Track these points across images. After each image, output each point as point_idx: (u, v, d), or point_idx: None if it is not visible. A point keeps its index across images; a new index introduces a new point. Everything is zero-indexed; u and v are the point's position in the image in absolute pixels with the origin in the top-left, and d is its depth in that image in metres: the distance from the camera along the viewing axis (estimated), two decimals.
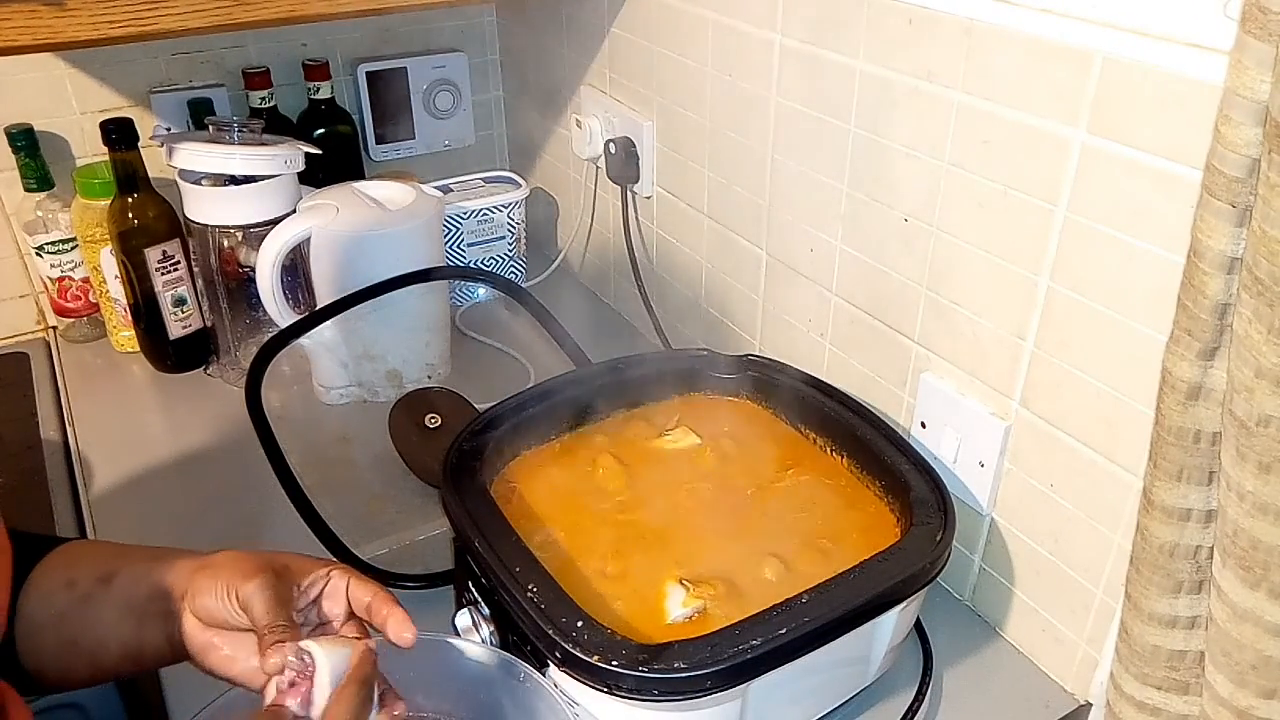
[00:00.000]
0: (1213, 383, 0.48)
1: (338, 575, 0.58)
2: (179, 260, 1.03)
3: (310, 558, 0.59)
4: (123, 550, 0.60)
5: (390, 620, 0.56)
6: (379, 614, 0.56)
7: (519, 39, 1.29)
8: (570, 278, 1.31)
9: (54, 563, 0.58)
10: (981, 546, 0.76)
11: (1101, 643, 0.67)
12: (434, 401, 0.93)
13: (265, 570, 0.54)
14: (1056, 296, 0.63)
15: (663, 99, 1.00)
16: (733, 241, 0.96)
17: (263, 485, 0.80)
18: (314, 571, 0.57)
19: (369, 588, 0.57)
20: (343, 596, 0.58)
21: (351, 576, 0.58)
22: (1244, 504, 0.46)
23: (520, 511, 0.69)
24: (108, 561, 0.58)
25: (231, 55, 1.17)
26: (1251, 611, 0.48)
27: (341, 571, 0.58)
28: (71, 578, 0.57)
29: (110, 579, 0.57)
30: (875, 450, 0.72)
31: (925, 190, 0.71)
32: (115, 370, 1.11)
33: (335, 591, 0.58)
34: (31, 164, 1.05)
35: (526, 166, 1.37)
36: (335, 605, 0.58)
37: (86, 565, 0.58)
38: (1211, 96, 0.47)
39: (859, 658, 0.65)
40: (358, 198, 1.00)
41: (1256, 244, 0.42)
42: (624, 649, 0.54)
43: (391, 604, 0.56)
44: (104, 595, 0.56)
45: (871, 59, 0.72)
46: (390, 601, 0.57)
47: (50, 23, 0.71)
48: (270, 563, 0.55)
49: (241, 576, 0.54)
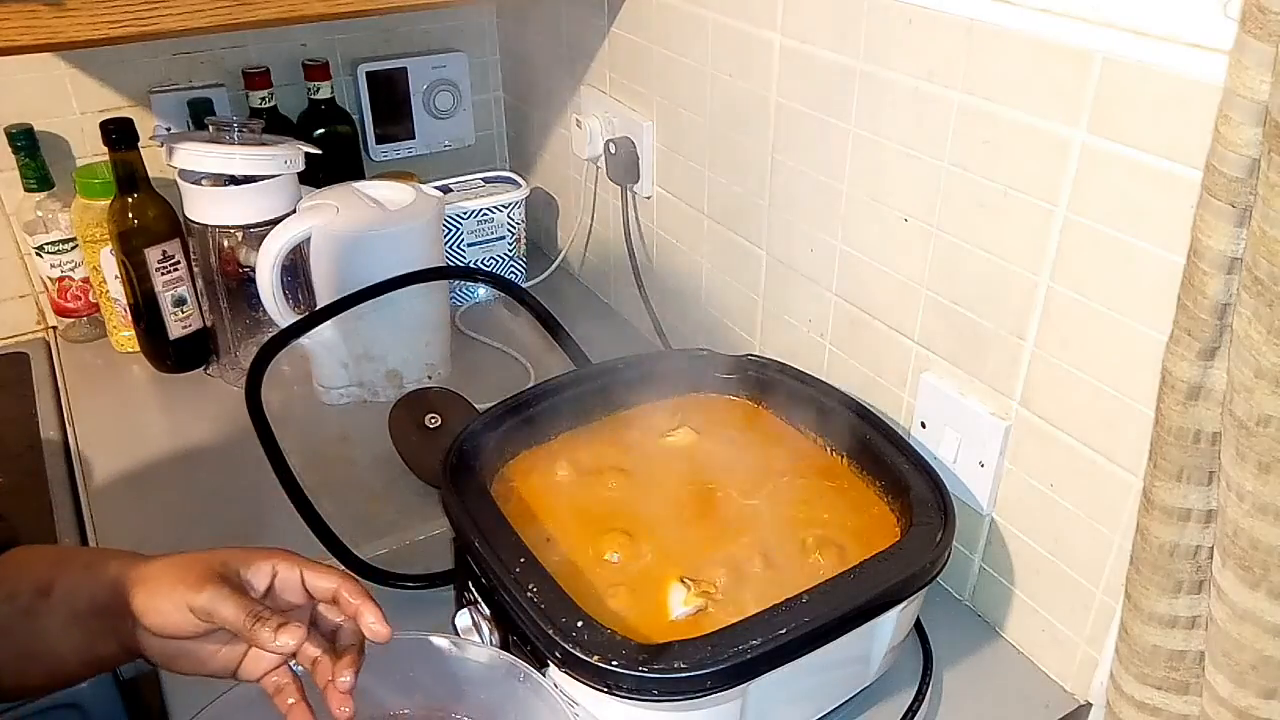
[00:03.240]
0: (1213, 383, 0.48)
1: (285, 567, 0.56)
2: (179, 260, 1.03)
3: (245, 549, 0.57)
4: (59, 558, 0.58)
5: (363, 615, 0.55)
6: (349, 606, 0.56)
7: (519, 39, 1.29)
8: (570, 278, 1.31)
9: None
10: (981, 546, 0.76)
11: (1101, 643, 0.67)
12: (434, 401, 0.93)
13: (211, 578, 0.53)
14: (1056, 296, 0.63)
15: (663, 99, 1.00)
16: (733, 241, 0.96)
17: (263, 485, 0.80)
18: (254, 563, 0.56)
19: (330, 576, 0.56)
20: (298, 588, 0.56)
21: (303, 567, 0.56)
22: (1244, 504, 0.46)
23: (520, 511, 0.69)
24: (44, 571, 0.56)
25: (231, 55, 1.17)
26: (1251, 611, 0.48)
27: (289, 562, 0.57)
28: (10, 590, 0.55)
29: (48, 591, 0.55)
30: (875, 450, 0.72)
31: (925, 190, 0.71)
32: (115, 370, 1.11)
33: (288, 584, 0.56)
34: (31, 164, 1.05)
35: (526, 166, 1.37)
36: (292, 596, 0.57)
37: (25, 577, 0.56)
38: (1211, 96, 0.47)
39: (859, 658, 0.65)
40: (358, 198, 1.00)
41: (1256, 244, 0.42)
42: (624, 649, 0.54)
43: (362, 596, 0.56)
44: (45, 607, 0.55)
45: (871, 59, 0.72)
46: (360, 594, 0.56)
47: (50, 23, 0.71)
48: (209, 566, 0.54)
49: (187, 589, 0.52)
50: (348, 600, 0.56)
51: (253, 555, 0.56)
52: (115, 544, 0.84)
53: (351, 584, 0.56)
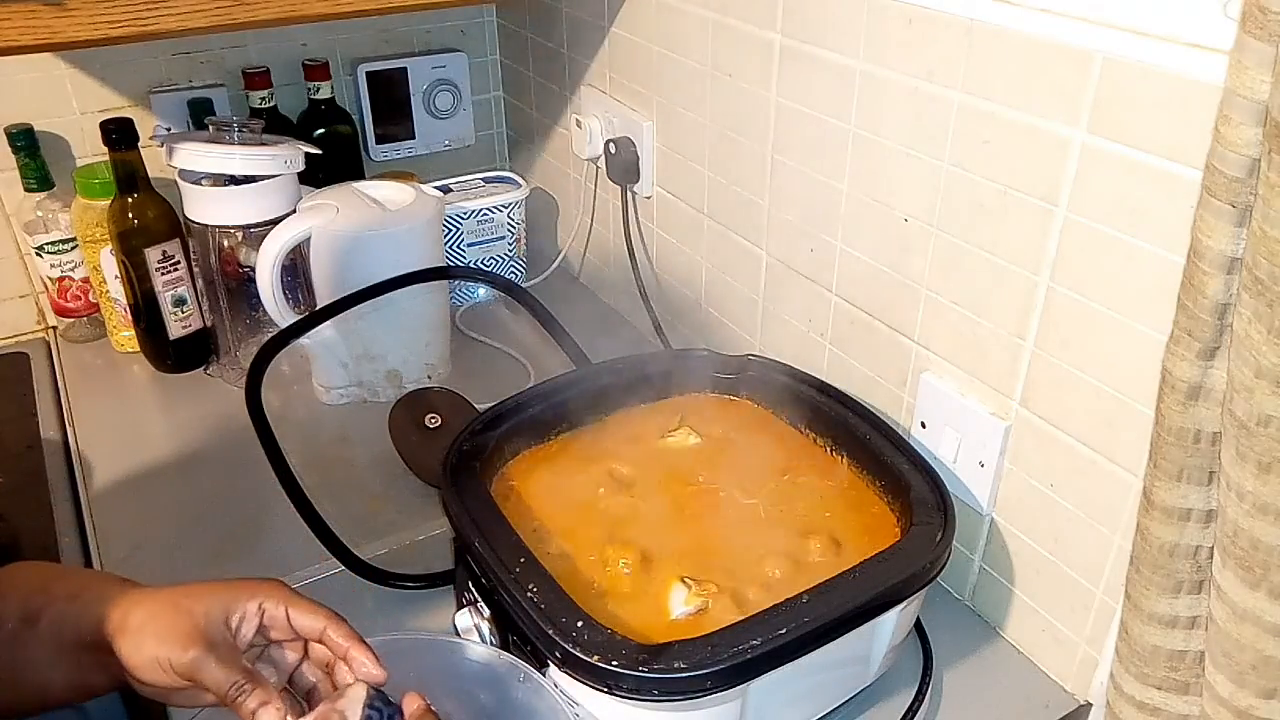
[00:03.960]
0: (1213, 383, 0.48)
1: (271, 604, 0.55)
2: (179, 260, 1.03)
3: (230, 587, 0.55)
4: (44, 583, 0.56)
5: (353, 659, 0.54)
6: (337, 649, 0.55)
7: (519, 39, 1.29)
8: (570, 278, 1.31)
9: None
10: (981, 546, 0.76)
11: (1101, 643, 0.67)
12: (434, 401, 0.93)
13: (195, 640, 0.51)
14: (1056, 296, 0.63)
15: (663, 99, 1.00)
16: (733, 241, 0.96)
17: (263, 485, 0.80)
18: (239, 607, 0.54)
19: (317, 615, 0.55)
20: (285, 625, 0.55)
21: (289, 604, 0.55)
22: (1244, 504, 0.46)
23: (520, 511, 0.69)
24: (30, 598, 0.55)
25: (231, 55, 1.17)
26: (1251, 611, 0.48)
27: (275, 599, 0.55)
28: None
29: (35, 621, 0.54)
30: (875, 450, 0.72)
31: (925, 190, 0.71)
32: (115, 370, 1.11)
33: (275, 622, 0.55)
34: (31, 164, 1.05)
35: (526, 166, 1.37)
36: (280, 634, 0.56)
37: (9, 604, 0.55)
38: (1211, 96, 0.47)
39: (859, 658, 0.65)
40: (358, 198, 1.00)
41: (1256, 244, 0.42)
42: (624, 649, 0.54)
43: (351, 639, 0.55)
44: (32, 638, 0.54)
45: (871, 59, 0.72)
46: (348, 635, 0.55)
47: (50, 23, 0.71)
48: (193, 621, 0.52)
49: (169, 648, 0.51)
50: (336, 642, 0.55)
51: (238, 596, 0.55)
52: (115, 544, 0.84)
53: (338, 624, 0.55)
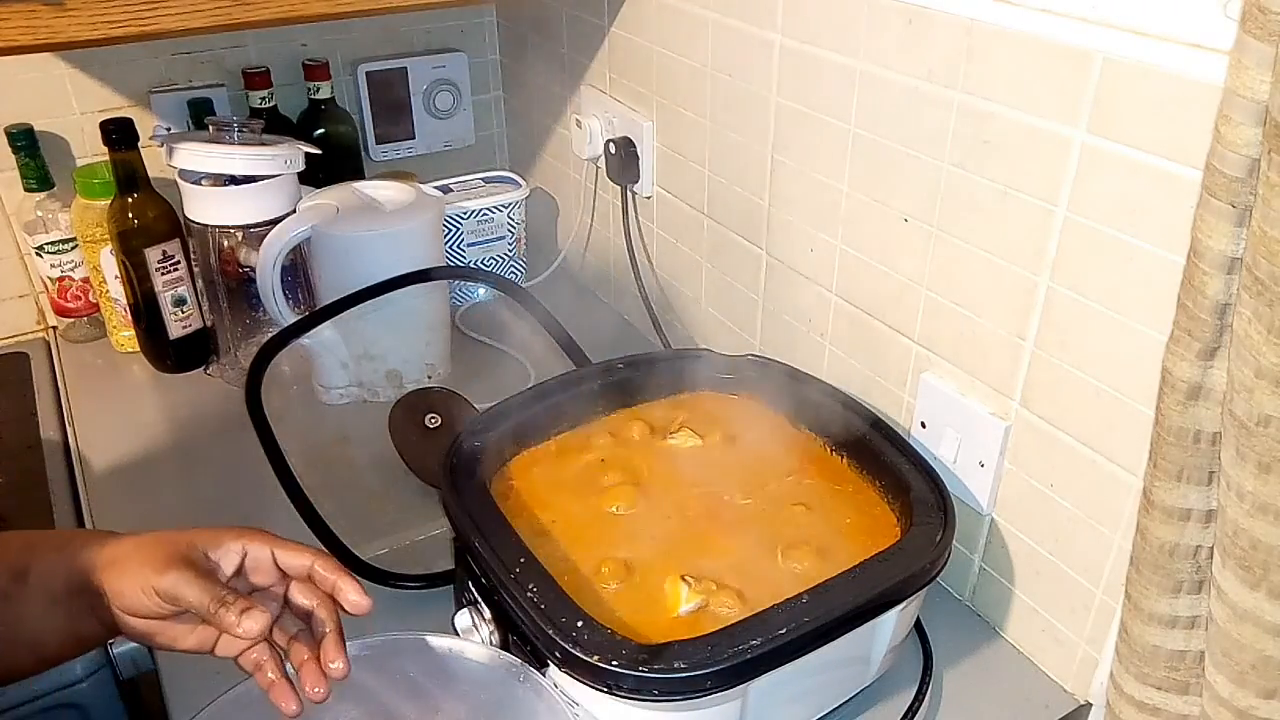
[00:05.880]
0: (1213, 383, 0.48)
1: (255, 546, 0.56)
2: (179, 260, 1.03)
3: (216, 529, 0.56)
4: (29, 542, 0.58)
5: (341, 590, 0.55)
6: (324, 582, 0.55)
7: (519, 39, 1.29)
8: (570, 278, 1.31)
9: None
10: (981, 546, 0.76)
11: (1101, 643, 0.67)
12: (434, 401, 0.93)
13: (175, 561, 0.53)
14: (1056, 296, 0.63)
15: (663, 99, 1.00)
16: (733, 241, 0.96)
17: (263, 485, 0.80)
18: (222, 544, 0.55)
19: (303, 554, 0.56)
20: (270, 567, 0.56)
21: (275, 545, 0.56)
22: (1244, 504, 0.46)
23: (520, 511, 0.69)
24: (18, 556, 0.56)
25: (231, 55, 1.17)
26: (1251, 611, 0.48)
27: (260, 541, 0.56)
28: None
29: (24, 575, 0.55)
30: (875, 450, 0.72)
31: (925, 190, 0.71)
32: (115, 370, 1.11)
33: (260, 564, 0.56)
34: (31, 164, 1.05)
35: (526, 166, 1.37)
36: (264, 577, 0.56)
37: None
38: (1211, 96, 0.47)
39: (859, 658, 0.65)
40: (358, 198, 1.01)
41: (1256, 244, 0.42)
42: (624, 649, 0.54)
43: (338, 571, 0.55)
44: (23, 592, 0.55)
45: (871, 59, 0.72)
46: (336, 568, 0.55)
47: (50, 23, 0.71)
48: (175, 547, 0.54)
49: (152, 571, 0.52)
50: (323, 575, 0.55)
51: (223, 535, 0.56)
52: None
53: (325, 559, 0.56)
